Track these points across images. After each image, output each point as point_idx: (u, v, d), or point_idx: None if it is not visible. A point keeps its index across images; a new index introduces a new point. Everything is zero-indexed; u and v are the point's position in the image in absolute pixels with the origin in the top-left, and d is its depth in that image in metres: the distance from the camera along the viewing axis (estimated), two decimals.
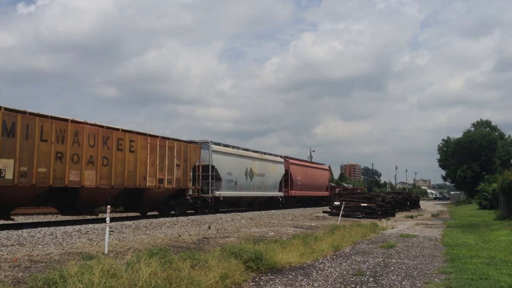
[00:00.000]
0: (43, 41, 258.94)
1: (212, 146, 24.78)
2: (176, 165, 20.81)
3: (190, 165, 22.04)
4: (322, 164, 47.40)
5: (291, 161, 35.86)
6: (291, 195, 34.60)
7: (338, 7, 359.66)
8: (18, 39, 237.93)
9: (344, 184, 63.11)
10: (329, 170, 46.45)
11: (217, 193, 24.28)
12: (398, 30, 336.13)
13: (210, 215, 22.01)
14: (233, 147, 27.83)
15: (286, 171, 34.12)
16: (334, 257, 9.67)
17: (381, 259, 9.47)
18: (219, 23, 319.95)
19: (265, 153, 31.83)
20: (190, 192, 22.45)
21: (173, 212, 21.77)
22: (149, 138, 19.34)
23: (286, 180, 34.23)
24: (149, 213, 22.40)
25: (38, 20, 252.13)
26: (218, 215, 21.78)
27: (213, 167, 24.13)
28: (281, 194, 33.07)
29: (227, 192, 25.64)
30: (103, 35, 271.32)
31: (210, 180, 23.70)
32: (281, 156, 34.70)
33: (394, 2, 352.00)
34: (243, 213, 24.25)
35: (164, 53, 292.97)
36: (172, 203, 21.49)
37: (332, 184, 52.97)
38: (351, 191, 50.30)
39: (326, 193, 43.76)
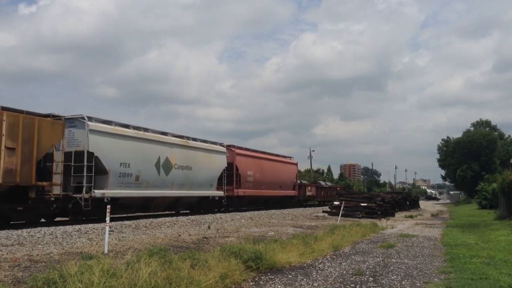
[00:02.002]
0: (44, 41, 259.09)
1: (91, 123, 17.16)
2: (8, 148, 13.55)
3: (41, 150, 14.65)
4: (287, 157, 38.54)
5: (237, 151, 28.53)
6: (237, 194, 27.48)
7: (338, 7, 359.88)
8: (19, 39, 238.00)
9: (321, 182, 53.04)
10: (296, 164, 38.87)
11: (99, 192, 16.94)
12: (398, 31, 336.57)
13: (210, 214, 21.97)
14: (136, 127, 19.81)
15: (230, 163, 26.93)
16: (334, 257, 9.66)
17: (381, 259, 9.46)
18: (219, 23, 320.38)
19: (195, 139, 24.08)
20: (49, 191, 15.37)
21: (13, 222, 14.67)
22: None
23: (231, 176, 26.93)
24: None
25: (39, 20, 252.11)
26: (218, 215, 21.77)
27: (91, 154, 16.77)
28: (220, 193, 25.35)
29: (120, 191, 18.13)
30: (104, 36, 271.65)
31: (85, 173, 16.42)
32: (221, 144, 26.60)
33: (394, 2, 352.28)
34: (243, 213, 24.26)
35: (165, 53, 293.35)
36: (5, 208, 14.12)
37: (303, 181, 45.63)
38: (330, 189, 46.40)
39: (292, 193, 36.57)
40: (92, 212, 16.82)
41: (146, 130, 20.41)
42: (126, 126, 19.40)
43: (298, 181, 39.67)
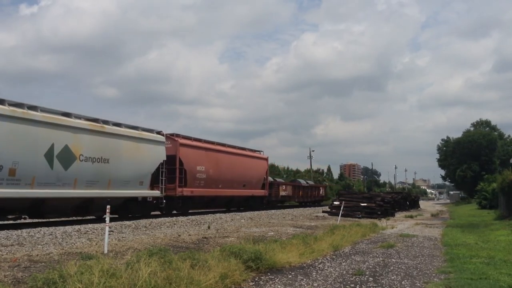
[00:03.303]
0: (45, 42, 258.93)
1: None
2: None
3: None
4: (256, 150, 32.36)
5: (182, 141, 22.90)
6: (182, 194, 22.16)
7: (338, 8, 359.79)
8: (19, 39, 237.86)
9: (300, 181, 45.77)
10: (267, 159, 32.97)
11: None
12: (398, 31, 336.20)
13: (209, 215, 21.97)
14: (15, 104, 14.58)
15: (173, 156, 21.66)
16: (334, 257, 9.67)
17: (381, 258, 9.47)
18: (220, 24, 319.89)
19: (119, 124, 18.58)
20: None
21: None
22: None
23: (173, 171, 21.70)
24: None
25: (40, 20, 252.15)
26: (217, 215, 21.77)
27: None
28: (155, 193, 20.05)
29: None
30: (104, 36, 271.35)
31: None
32: (159, 132, 20.95)
33: (394, 3, 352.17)
34: (243, 213, 24.26)
35: (165, 53, 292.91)
36: None
37: (278, 179, 40.41)
38: (311, 189, 43.02)
39: (261, 192, 31.17)
40: None
41: (33, 108, 15.07)
42: (0, 101, 14.07)
43: (271, 179, 35.13)
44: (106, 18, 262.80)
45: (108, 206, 9.85)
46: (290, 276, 7.33)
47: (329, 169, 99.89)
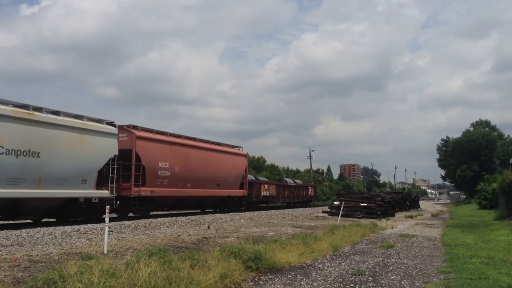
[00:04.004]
0: (45, 42, 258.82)
1: None
2: None
3: None
4: (234, 146, 28.89)
5: (140, 133, 19.93)
6: (140, 195, 19.31)
7: (339, 8, 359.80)
8: (20, 39, 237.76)
9: (287, 180, 42.84)
10: (246, 156, 29.72)
11: None
12: (398, 31, 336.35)
13: (209, 215, 21.96)
14: None
15: (128, 150, 18.98)
16: (334, 257, 9.67)
17: (381, 259, 9.47)
18: (220, 24, 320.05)
19: (57, 112, 15.74)
20: None
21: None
22: None
23: (128, 168, 18.94)
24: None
25: (41, 21, 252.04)
26: (217, 215, 21.79)
27: None
28: (103, 193, 17.05)
29: None
30: (105, 36, 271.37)
31: None
32: (110, 123, 17.82)
33: (394, 4, 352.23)
34: (243, 213, 24.26)
35: (165, 53, 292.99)
36: None
37: (260, 178, 37.09)
38: (299, 189, 40.03)
39: (239, 192, 27.96)
40: None
41: None
42: None
43: (252, 178, 32.64)
44: (107, 18, 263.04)
45: (108, 206, 9.85)
46: (290, 276, 7.33)
47: (329, 169, 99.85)
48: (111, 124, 17.91)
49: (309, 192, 42.90)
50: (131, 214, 20.22)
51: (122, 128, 19.46)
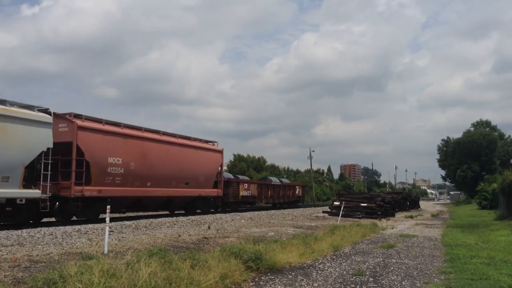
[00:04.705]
0: (46, 42, 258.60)
1: None
2: None
3: None
4: (207, 141, 25.70)
5: (82, 123, 17.09)
6: (83, 195, 16.54)
7: (339, 8, 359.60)
8: (20, 39, 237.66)
9: (271, 178, 39.19)
10: (221, 152, 26.40)
11: None
12: (398, 31, 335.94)
13: (210, 215, 21.97)
14: None
15: (68, 143, 16.27)
16: (334, 257, 9.67)
17: (381, 259, 9.47)
18: (220, 24, 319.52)
19: None
20: None
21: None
22: None
23: (68, 164, 16.27)
24: (150, 213, 21.63)
25: (41, 21, 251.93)
26: (217, 215, 21.79)
27: None
28: (33, 193, 14.33)
29: None
30: (105, 36, 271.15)
31: None
32: (45, 110, 15.28)
33: (394, 4, 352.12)
34: (243, 213, 24.26)
35: (166, 54, 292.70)
36: None
37: (240, 176, 34.55)
38: (285, 188, 37.10)
39: (213, 192, 25.08)
40: None
41: None
42: None
43: (229, 176, 30.62)
44: (107, 18, 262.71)
45: (108, 206, 9.84)
46: (290, 276, 7.33)
47: (329, 169, 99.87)
48: (45, 111, 15.17)
49: (297, 192, 39.90)
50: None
51: (61, 117, 16.73)
